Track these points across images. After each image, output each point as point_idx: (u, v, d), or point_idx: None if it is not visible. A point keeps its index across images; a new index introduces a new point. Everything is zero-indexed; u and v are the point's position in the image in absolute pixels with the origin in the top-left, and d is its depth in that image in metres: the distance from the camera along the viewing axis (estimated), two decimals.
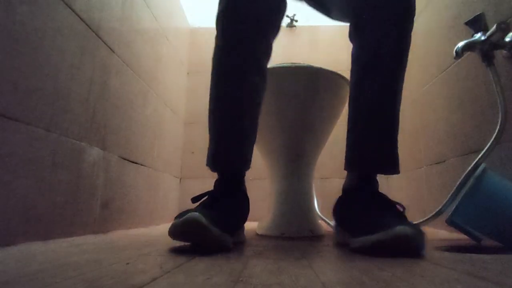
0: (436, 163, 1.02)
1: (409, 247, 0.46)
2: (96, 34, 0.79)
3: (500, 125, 0.67)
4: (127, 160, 0.96)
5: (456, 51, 0.75)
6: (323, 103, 0.88)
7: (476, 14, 0.75)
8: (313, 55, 1.70)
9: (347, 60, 0.68)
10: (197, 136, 1.63)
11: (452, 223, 0.56)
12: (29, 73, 0.57)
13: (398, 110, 0.62)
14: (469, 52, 0.77)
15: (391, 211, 0.53)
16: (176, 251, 0.52)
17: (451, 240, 0.71)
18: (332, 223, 0.70)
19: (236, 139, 0.66)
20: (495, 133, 0.67)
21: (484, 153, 0.67)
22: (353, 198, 0.61)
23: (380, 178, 0.63)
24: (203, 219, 0.47)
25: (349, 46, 0.66)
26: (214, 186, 0.67)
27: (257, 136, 0.97)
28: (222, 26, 0.64)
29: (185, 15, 1.66)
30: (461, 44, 0.74)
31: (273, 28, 0.67)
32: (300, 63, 0.90)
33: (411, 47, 0.60)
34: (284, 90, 0.85)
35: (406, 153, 1.28)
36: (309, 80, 0.86)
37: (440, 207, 0.70)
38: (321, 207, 1.08)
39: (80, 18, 0.73)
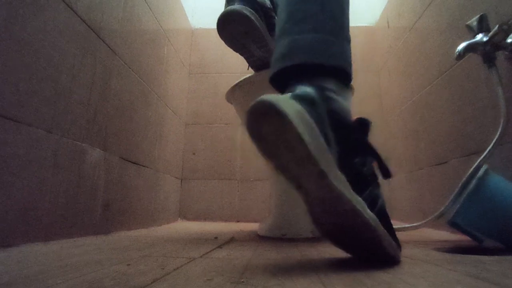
0: (438, 164, 1.01)
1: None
2: (97, 35, 0.79)
3: (502, 127, 0.67)
4: (128, 161, 0.96)
5: (458, 52, 0.74)
6: None
7: (478, 15, 0.75)
8: None
9: None
10: (198, 137, 1.63)
11: (453, 224, 0.56)
12: (30, 74, 0.57)
13: None
14: (470, 53, 0.76)
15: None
16: (177, 252, 0.52)
17: (453, 241, 0.71)
18: None
19: None
20: (497, 135, 0.67)
21: (486, 154, 0.67)
22: None
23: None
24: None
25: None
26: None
27: None
28: None
29: (186, 16, 1.67)
30: (462, 45, 0.74)
31: None
32: None
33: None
34: None
35: (407, 154, 1.28)
36: None
37: (442, 209, 0.70)
38: None
39: (81, 19, 0.73)
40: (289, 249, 0.59)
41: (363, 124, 0.43)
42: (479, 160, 0.67)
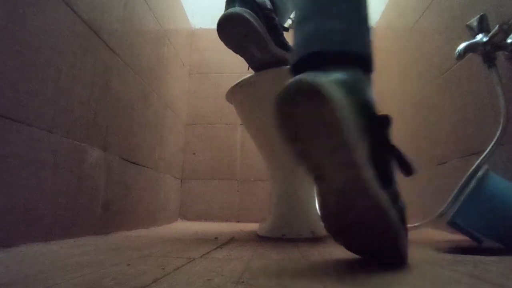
0: (438, 164, 1.01)
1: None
2: (97, 35, 0.79)
3: (502, 127, 0.67)
4: (128, 161, 0.96)
5: (458, 53, 0.74)
6: None
7: (478, 15, 0.74)
8: None
9: None
10: (199, 137, 1.63)
11: (453, 224, 0.56)
12: (30, 74, 0.57)
13: None
14: (470, 53, 0.76)
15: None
16: (177, 252, 0.52)
17: (453, 241, 0.71)
18: None
19: None
20: (497, 135, 0.67)
21: (486, 154, 0.67)
22: None
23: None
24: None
25: None
26: None
27: (259, 137, 0.97)
28: None
29: (186, 16, 1.67)
30: (463, 45, 0.74)
31: None
32: None
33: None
34: None
35: (407, 154, 1.28)
36: None
37: (441, 209, 0.70)
38: None
39: (82, 19, 0.73)
40: (289, 249, 0.59)
41: (388, 120, 0.42)
42: (479, 160, 0.67)
